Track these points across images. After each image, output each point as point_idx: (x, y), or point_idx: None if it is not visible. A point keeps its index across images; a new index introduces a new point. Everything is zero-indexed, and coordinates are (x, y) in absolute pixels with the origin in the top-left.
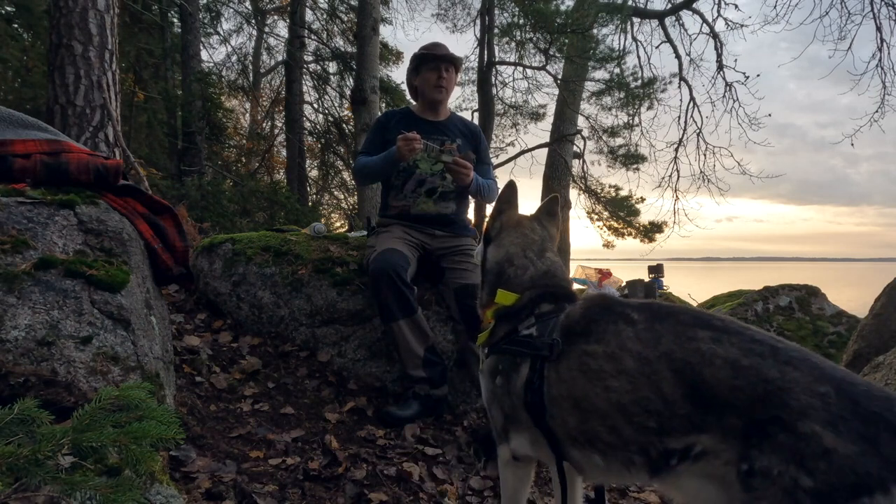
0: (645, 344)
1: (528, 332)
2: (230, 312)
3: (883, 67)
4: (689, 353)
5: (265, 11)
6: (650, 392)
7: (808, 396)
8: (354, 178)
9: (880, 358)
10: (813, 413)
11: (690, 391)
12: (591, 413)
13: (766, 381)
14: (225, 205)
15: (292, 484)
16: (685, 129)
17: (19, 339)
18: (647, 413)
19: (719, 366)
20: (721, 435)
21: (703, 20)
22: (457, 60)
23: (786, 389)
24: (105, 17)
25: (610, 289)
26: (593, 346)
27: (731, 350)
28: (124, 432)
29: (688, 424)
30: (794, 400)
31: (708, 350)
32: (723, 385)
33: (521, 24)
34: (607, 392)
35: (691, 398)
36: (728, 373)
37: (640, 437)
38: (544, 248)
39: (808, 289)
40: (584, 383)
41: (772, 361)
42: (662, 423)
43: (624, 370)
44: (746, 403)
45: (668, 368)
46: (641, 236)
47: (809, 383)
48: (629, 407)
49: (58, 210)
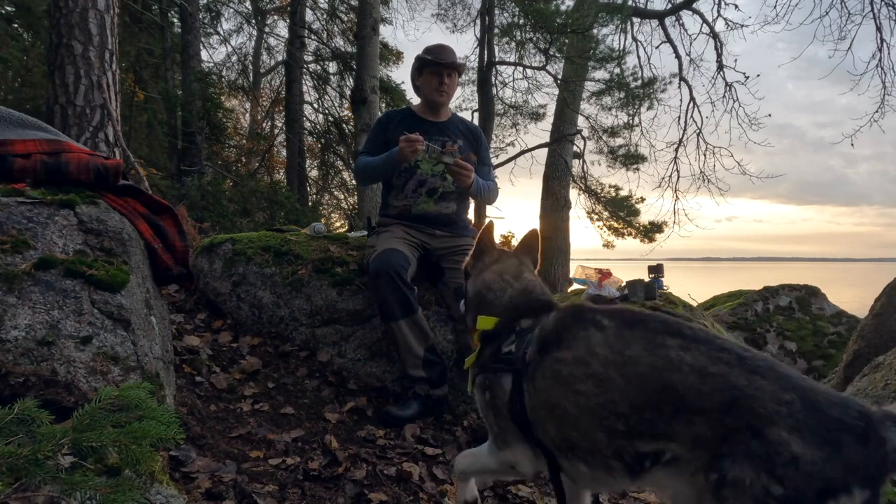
0: (613, 349)
1: (509, 348)
2: (230, 312)
3: (883, 67)
4: (657, 359)
5: (265, 11)
6: (617, 395)
7: (775, 404)
8: (356, 177)
9: (880, 358)
10: (780, 420)
11: (657, 396)
12: (565, 419)
13: (734, 388)
14: (225, 205)
15: (292, 484)
16: (685, 129)
17: (19, 338)
18: (615, 416)
19: (687, 372)
20: (690, 442)
21: (703, 20)
22: (459, 66)
23: (754, 397)
24: (105, 17)
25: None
26: (563, 353)
27: (699, 357)
28: (124, 432)
29: (655, 429)
30: (761, 407)
31: (676, 357)
32: (690, 391)
33: (521, 24)
34: (577, 396)
35: (658, 403)
36: (695, 379)
37: (612, 441)
38: (521, 271)
39: (808, 289)
40: (556, 390)
41: (739, 370)
42: (631, 427)
43: (592, 374)
44: (714, 410)
45: (635, 372)
46: (641, 236)
47: (775, 391)
48: (597, 410)
49: (58, 210)
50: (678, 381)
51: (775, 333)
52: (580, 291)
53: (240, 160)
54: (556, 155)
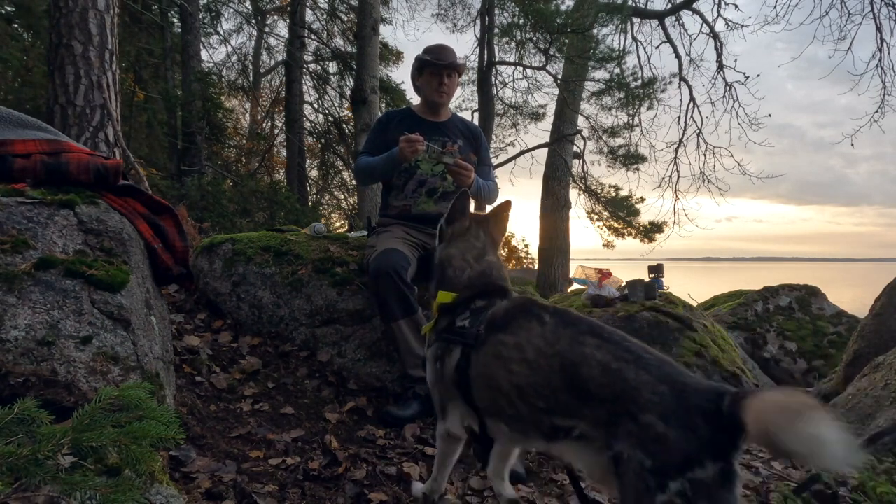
0: (546, 341)
1: (463, 323)
2: (230, 312)
3: (883, 67)
4: (576, 354)
5: (265, 11)
6: (541, 379)
7: (650, 394)
8: (356, 177)
9: (880, 358)
10: (652, 407)
11: (571, 384)
12: (498, 391)
13: (625, 381)
14: (225, 205)
15: (292, 484)
16: (685, 129)
17: (19, 338)
18: (537, 395)
19: (594, 366)
20: (594, 423)
21: (703, 20)
22: (459, 67)
23: (636, 388)
24: (105, 17)
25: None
26: (507, 337)
27: (607, 355)
28: (124, 432)
29: (568, 410)
30: (640, 397)
31: (589, 354)
32: (594, 382)
33: (521, 24)
34: (510, 374)
35: (571, 389)
36: (599, 372)
37: (532, 414)
38: (484, 252)
39: (808, 289)
40: (495, 366)
41: (633, 366)
42: (549, 405)
43: (525, 359)
44: (610, 398)
45: (558, 363)
46: (641, 236)
47: (653, 383)
48: (524, 388)
49: (58, 210)
50: (586, 374)
51: (775, 333)
52: (580, 291)
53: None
54: (556, 155)
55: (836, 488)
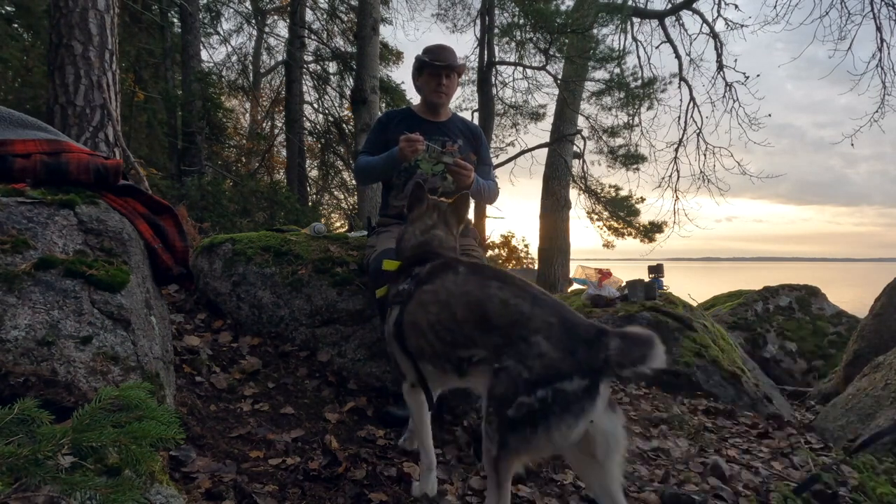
0: (457, 285)
1: (403, 287)
2: (230, 312)
3: (883, 67)
4: (482, 294)
5: (265, 11)
6: (450, 315)
7: (541, 322)
8: (355, 177)
9: (880, 358)
10: (541, 332)
11: (475, 318)
12: (420, 332)
13: (521, 313)
14: (225, 205)
15: (292, 484)
16: (685, 129)
17: (19, 338)
18: (447, 330)
19: (496, 302)
20: (490, 349)
21: (703, 20)
22: (458, 67)
23: (530, 318)
24: (105, 17)
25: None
26: (427, 286)
27: (507, 293)
28: (124, 432)
29: (469, 341)
30: (532, 324)
31: (493, 293)
32: (495, 314)
33: (521, 24)
34: (427, 315)
35: (475, 323)
36: (499, 306)
37: (444, 348)
38: (432, 227)
39: (808, 289)
40: (417, 311)
41: (529, 303)
42: (455, 338)
43: (439, 300)
44: (506, 325)
45: (464, 302)
46: (641, 236)
47: (545, 315)
48: (437, 326)
49: (58, 210)
50: (489, 308)
51: (775, 333)
52: (580, 291)
53: (240, 160)
54: (556, 155)
55: (836, 488)
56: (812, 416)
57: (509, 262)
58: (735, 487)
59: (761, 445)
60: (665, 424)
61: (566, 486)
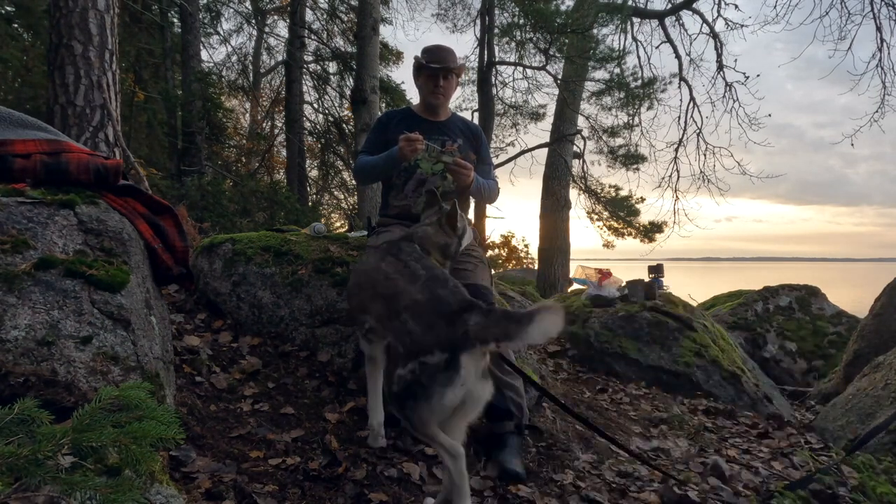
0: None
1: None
2: (230, 312)
3: (883, 67)
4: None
5: (265, 11)
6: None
7: (409, 300)
8: (355, 177)
9: (880, 358)
10: (409, 308)
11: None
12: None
13: (396, 287)
14: (225, 205)
15: (292, 484)
16: (685, 129)
17: (19, 339)
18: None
19: (381, 276)
20: (376, 318)
21: (703, 20)
22: (455, 69)
23: (402, 293)
24: (105, 17)
25: (610, 289)
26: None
27: (391, 268)
28: (124, 432)
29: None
30: (403, 300)
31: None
32: (379, 286)
33: (521, 24)
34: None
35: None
36: (383, 279)
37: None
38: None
39: (808, 289)
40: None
41: (405, 279)
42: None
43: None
44: (387, 298)
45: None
46: (641, 236)
47: (414, 292)
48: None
49: (58, 210)
50: (375, 279)
51: (775, 333)
52: (580, 291)
53: (240, 160)
54: (556, 155)
55: (835, 488)
56: (812, 416)
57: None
58: (735, 487)
59: (761, 445)
60: (665, 424)
61: (566, 486)
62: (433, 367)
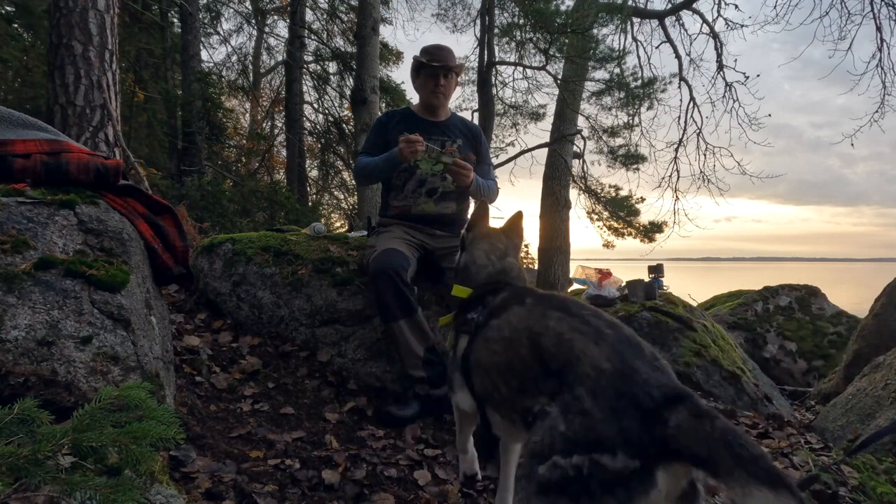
0: (520, 318)
1: (472, 316)
2: (230, 312)
3: (883, 67)
4: (540, 327)
5: (265, 11)
6: (513, 355)
7: (590, 368)
8: (355, 178)
9: (880, 358)
10: (586, 381)
11: (534, 357)
12: (485, 373)
13: (572, 350)
14: (225, 205)
15: (292, 484)
16: (685, 129)
17: (19, 338)
18: (511, 372)
19: (551, 336)
20: (549, 396)
21: (703, 20)
22: (455, 68)
23: (580, 359)
24: (105, 17)
25: (610, 289)
26: (493, 321)
27: (564, 326)
28: (124, 432)
29: (535, 387)
30: (580, 368)
31: (550, 325)
32: (548, 352)
33: (521, 24)
34: (492, 355)
35: (535, 363)
36: (553, 342)
37: (511, 394)
38: (506, 253)
39: (808, 289)
40: (483, 349)
41: (586, 338)
42: (520, 383)
43: (503, 337)
44: (559, 368)
45: (526, 337)
46: (641, 236)
47: (598, 359)
48: (502, 367)
49: (58, 210)
50: (544, 344)
51: (775, 333)
52: (580, 291)
53: (240, 160)
54: (556, 155)
55: (836, 488)
56: (812, 416)
57: None
58: None
59: (761, 445)
60: None
61: None
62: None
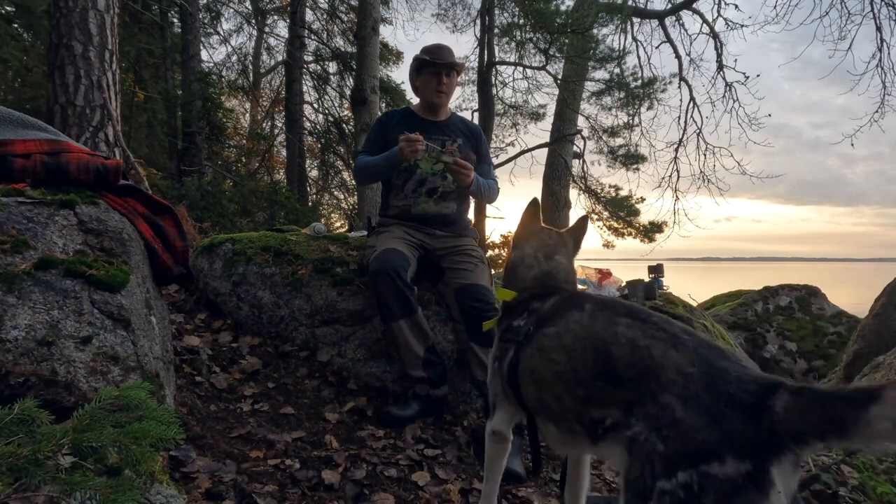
0: (582, 326)
1: (518, 324)
2: (230, 312)
3: (883, 67)
4: (608, 334)
5: (265, 11)
6: (578, 364)
7: (675, 373)
8: (355, 178)
9: (880, 358)
10: (673, 388)
11: (603, 366)
12: (541, 383)
13: (651, 357)
14: (225, 205)
15: (292, 484)
16: (685, 129)
17: (19, 339)
18: (576, 382)
19: (623, 344)
20: (623, 407)
21: (703, 20)
22: (457, 66)
23: (661, 366)
24: (105, 17)
25: (610, 289)
26: (549, 328)
27: (636, 333)
28: (124, 432)
29: (603, 397)
30: (663, 376)
31: (620, 332)
32: (622, 360)
33: (521, 24)
34: (551, 364)
35: (604, 373)
36: (626, 350)
37: (575, 405)
38: (556, 252)
39: (808, 289)
40: (537, 357)
41: (663, 344)
42: (586, 393)
43: (563, 345)
44: (635, 377)
45: (592, 345)
46: (641, 236)
47: (682, 363)
48: (564, 376)
49: (58, 210)
50: (616, 353)
51: (775, 333)
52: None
53: (240, 160)
54: (556, 155)
55: (836, 488)
56: None
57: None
58: None
59: None
60: None
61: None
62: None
